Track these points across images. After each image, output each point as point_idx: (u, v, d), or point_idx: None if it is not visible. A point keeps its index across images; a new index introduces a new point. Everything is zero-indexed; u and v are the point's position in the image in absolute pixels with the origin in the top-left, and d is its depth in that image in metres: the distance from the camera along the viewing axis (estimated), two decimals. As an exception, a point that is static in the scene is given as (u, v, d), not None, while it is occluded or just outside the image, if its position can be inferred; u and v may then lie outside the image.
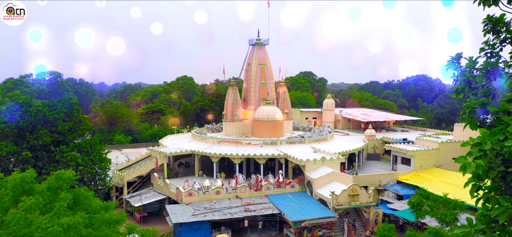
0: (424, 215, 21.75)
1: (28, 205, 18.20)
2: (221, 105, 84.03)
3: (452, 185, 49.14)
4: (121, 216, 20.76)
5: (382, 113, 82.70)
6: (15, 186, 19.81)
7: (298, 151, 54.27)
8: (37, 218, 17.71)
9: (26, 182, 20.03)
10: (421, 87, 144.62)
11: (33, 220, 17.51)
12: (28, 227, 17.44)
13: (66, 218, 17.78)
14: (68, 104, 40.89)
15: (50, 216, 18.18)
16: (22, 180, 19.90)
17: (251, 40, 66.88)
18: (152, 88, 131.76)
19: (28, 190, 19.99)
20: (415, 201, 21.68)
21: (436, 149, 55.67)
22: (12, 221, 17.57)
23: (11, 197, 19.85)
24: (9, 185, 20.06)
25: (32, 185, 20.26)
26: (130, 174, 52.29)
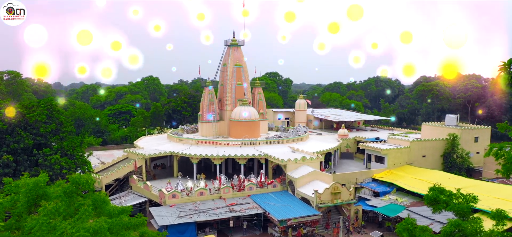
0: (441, 209, 22.99)
1: (49, 210, 17.66)
2: (194, 106, 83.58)
3: (424, 181, 51.56)
4: (140, 220, 20.52)
5: (352, 113, 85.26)
6: (28, 191, 19.11)
7: (277, 151, 55.07)
8: (60, 223, 17.23)
9: (39, 187, 19.38)
10: (382, 88, 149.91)
11: (56, 225, 17.02)
12: (51, 232, 16.93)
13: (92, 223, 17.42)
14: (48, 106, 39.42)
15: (73, 221, 17.73)
16: (35, 184, 19.23)
17: (226, 41, 67.05)
18: (117, 89, 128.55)
19: (41, 195, 19.34)
20: (432, 196, 22.84)
21: (408, 147, 58.21)
22: (35, 227, 16.99)
23: (24, 202, 19.13)
24: (22, 190, 19.33)
25: (45, 190, 19.62)
26: (108, 177, 51.03)
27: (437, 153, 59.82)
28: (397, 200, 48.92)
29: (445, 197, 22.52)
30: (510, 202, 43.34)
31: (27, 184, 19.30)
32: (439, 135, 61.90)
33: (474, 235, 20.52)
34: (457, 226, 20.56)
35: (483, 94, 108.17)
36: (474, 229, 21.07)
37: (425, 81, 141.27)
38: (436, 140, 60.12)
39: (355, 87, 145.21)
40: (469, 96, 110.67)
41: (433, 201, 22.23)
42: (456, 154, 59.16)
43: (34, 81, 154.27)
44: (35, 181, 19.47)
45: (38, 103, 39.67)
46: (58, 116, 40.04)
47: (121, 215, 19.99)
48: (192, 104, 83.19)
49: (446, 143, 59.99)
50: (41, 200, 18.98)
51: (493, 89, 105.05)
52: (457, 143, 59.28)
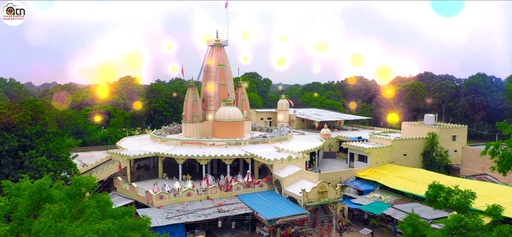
0: (442, 206, 23.73)
1: (54, 212, 17.35)
2: (175, 107, 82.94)
3: (407, 179, 53.04)
4: (145, 221, 20.36)
5: (333, 113, 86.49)
6: (32, 193, 18.70)
7: (262, 150, 55.37)
8: (67, 225, 16.95)
9: (43, 189, 18.99)
10: (359, 88, 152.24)
11: (64, 228, 16.74)
12: (58, 235, 16.63)
13: (100, 225, 17.21)
14: (33, 106, 38.43)
15: (81, 223, 17.47)
16: (39, 187, 18.83)
17: (209, 41, 66.90)
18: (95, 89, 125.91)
19: (45, 198, 18.95)
20: (432, 193, 23.57)
21: (390, 146, 59.55)
22: (42, 230, 16.65)
23: (28, 205, 18.71)
24: (25, 193, 18.90)
25: (49, 192, 19.24)
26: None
27: (417, 151, 61.45)
28: (381, 198, 50.00)
29: (444, 194, 23.32)
30: (491, 198, 44.70)
31: (30, 186, 18.89)
32: (418, 134, 63.56)
33: (475, 230, 21.36)
34: (459, 221, 21.35)
35: (457, 94, 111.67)
36: (474, 224, 21.91)
37: (400, 81, 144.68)
38: (416, 139, 61.74)
39: (333, 88, 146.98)
40: (443, 96, 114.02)
41: (433, 197, 22.96)
42: (435, 152, 60.92)
43: (6, 81, 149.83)
44: (40, 183, 19.09)
45: (22, 104, 38.67)
46: (43, 118, 39.12)
47: (125, 216, 19.80)
48: (173, 105, 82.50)
49: (426, 141, 61.70)
50: (45, 203, 18.61)
51: (466, 90, 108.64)
52: (436, 141, 61.06)
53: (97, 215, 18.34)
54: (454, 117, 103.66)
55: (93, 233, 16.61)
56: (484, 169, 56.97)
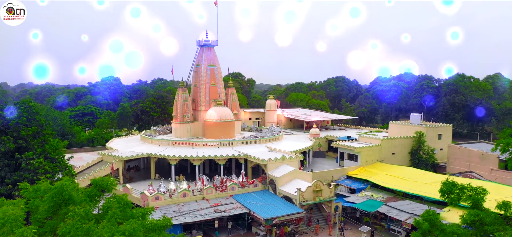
0: (456, 201, 24.41)
1: (79, 214, 17.20)
2: (162, 107, 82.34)
3: (397, 178, 54.17)
4: (166, 221, 20.33)
5: (320, 113, 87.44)
6: (54, 195, 18.45)
7: (255, 150, 55.67)
8: (94, 226, 16.84)
9: (65, 191, 18.76)
10: (341, 88, 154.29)
11: (90, 229, 16.63)
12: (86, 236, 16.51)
13: (126, 225, 17.15)
14: (28, 108, 37.64)
15: (105, 224, 17.36)
16: (61, 188, 18.60)
17: (199, 41, 66.79)
18: (76, 89, 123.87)
19: (67, 199, 18.73)
20: (446, 189, 24.25)
21: (379, 145, 60.70)
22: (70, 232, 16.47)
23: (49, 207, 18.45)
24: (47, 194, 18.62)
25: (71, 193, 19.02)
26: (84, 181, 49.32)
27: (405, 150, 62.84)
28: (372, 196, 50.93)
29: (457, 190, 24.10)
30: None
31: (51, 188, 18.65)
32: (405, 133, 64.98)
33: (492, 224, 22.10)
34: (476, 216, 22.08)
35: (437, 94, 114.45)
36: (491, 219, 22.68)
37: (381, 82, 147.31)
38: (404, 138, 63.13)
39: (316, 87, 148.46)
40: (425, 96, 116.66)
41: (447, 192, 23.69)
42: (422, 151, 62.41)
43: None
44: (61, 184, 18.86)
45: (16, 104, 37.86)
46: (38, 119, 38.40)
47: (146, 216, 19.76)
48: (161, 105, 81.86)
49: (413, 140, 63.14)
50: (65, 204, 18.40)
51: (446, 90, 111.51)
52: (423, 140, 62.57)
53: (119, 216, 18.28)
54: (435, 116, 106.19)
55: (120, 234, 16.57)
56: (470, 167, 58.78)
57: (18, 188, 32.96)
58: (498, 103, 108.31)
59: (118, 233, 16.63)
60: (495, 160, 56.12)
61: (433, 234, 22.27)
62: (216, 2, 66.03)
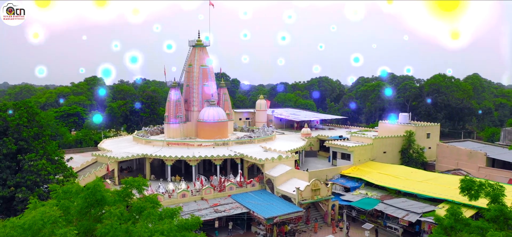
0: (476, 197, 25.15)
1: (116, 214, 17.14)
2: (152, 107, 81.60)
3: (390, 176, 55.33)
4: (196, 220, 20.37)
5: (309, 113, 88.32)
6: (87, 195, 18.28)
7: (250, 150, 55.91)
8: (132, 226, 16.81)
9: (98, 191, 18.62)
10: (324, 88, 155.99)
11: (129, 229, 16.58)
12: (125, 235, 16.45)
13: (163, 225, 17.18)
14: (28, 108, 36.85)
15: (143, 224, 17.33)
16: (95, 189, 18.44)
17: (191, 42, 66.55)
18: (58, 90, 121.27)
19: (100, 200, 18.58)
20: (466, 186, 25.00)
21: (371, 144, 61.82)
22: (110, 232, 16.37)
23: (82, 207, 18.26)
24: (81, 195, 18.43)
25: (103, 194, 18.89)
26: (81, 182, 48.58)
27: (396, 149, 64.22)
28: (367, 194, 51.89)
29: (476, 187, 24.91)
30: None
31: (82, 189, 18.49)
32: (395, 132, 66.41)
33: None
34: (500, 211, 22.88)
35: (420, 94, 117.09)
36: None
37: (364, 82, 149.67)
38: (395, 137, 64.50)
39: (300, 88, 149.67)
40: (407, 96, 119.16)
41: (467, 189, 24.48)
42: (412, 150, 63.91)
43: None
44: (95, 185, 18.72)
45: (15, 105, 37.04)
46: (38, 120, 37.66)
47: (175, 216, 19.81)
48: (150, 106, 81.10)
49: (403, 139, 64.57)
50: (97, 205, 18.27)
51: (429, 90, 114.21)
52: (413, 139, 64.07)
53: (155, 215, 18.29)
54: (418, 116, 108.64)
55: (159, 234, 16.61)
56: (458, 164, 60.55)
57: (20, 190, 32.43)
58: (478, 102, 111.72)
59: (157, 233, 16.66)
60: (483, 158, 58.00)
61: (455, 229, 23.04)
62: (212, 3, 65.95)
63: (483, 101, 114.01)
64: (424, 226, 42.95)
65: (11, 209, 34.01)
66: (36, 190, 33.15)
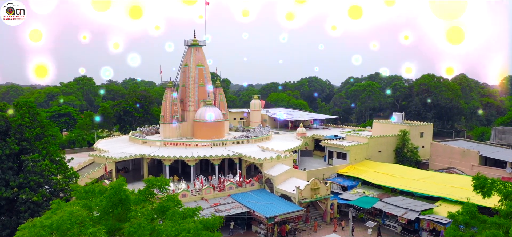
0: (489, 194, 25.64)
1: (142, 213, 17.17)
2: (146, 108, 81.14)
3: (386, 175, 56.02)
4: (217, 219, 20.44)
5: (303, 113, 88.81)
6: (112, 195, 18.24)
7: (248, 150, 56.07)
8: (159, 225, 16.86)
9: (122, 190, 18.60)
10: (314, 88, 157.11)
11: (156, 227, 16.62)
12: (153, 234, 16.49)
13: (189, 224, 17.25)
14: (29, 108, 36.36)
15: (169, 223, 17.38)
16: (119, 189, 18.40)
17: (187, 41, 66.40)
18: (47, 90, 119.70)
19: (124, 199, 18.54)
20: (479, 184, 25.47)
21: (366, 144, 62.49)
22: (138, 231, 16.37)
23: (107, 207, 18.21)
24: (105, 195, 18.38)
25: (127, 193, 18.86)
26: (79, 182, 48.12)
27: (390, 148, 65.02)
28: (364, 193, 52.46)
29: (489, 184, 25.43)
30: (463, 189, 48.46)
31: (105, 189, 18.46)
32: (389, 132, 67.22)
33: None
34: None
35: (410, 94, 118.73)
36: None
37: (353, 82, 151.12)
38: (390, 136, 65.29)
39: (291, 87, 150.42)
40: (397, 96, 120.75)
41: (480, 187, 24.98)
42: (406, 149, 64.79)
43: None
44: (119, 184, 18.68)
45: (16, 105, 36.54)
46: (40, 120, 37.22)
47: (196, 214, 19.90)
48: (144, 106, 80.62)
49: (398, 138, 65.42)
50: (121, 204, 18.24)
51: (418, 89, 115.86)
52: (407, 138, 64.96)
53: (180, 214, 18.35)
54: (408, 115, 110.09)
55: (186, 232, 16.69)
56: (452, 163, 61.58)
57: (24, 191, 32.05)
58: (466, 102, 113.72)
59: (184, 231, 16.72)
60: (476, 156, 59.13)
61: (469, 226, 23.55)
62: (207, 2, 65.89)
63: (471, 101, 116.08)
64: (423, 223, 43.65)
65: (13, 210, 33.60)
66: (39, 191, 32.80)
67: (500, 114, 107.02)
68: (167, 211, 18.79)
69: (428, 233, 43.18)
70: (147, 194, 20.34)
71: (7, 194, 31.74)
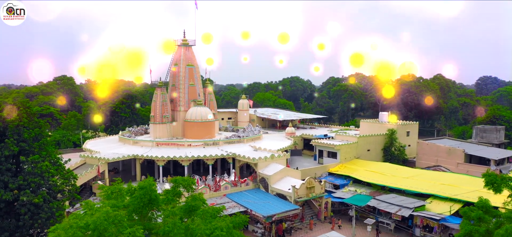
0: (500, 190, 26.44)
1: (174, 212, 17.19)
2: (132, 107, 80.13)
3: (377, 173, 57.19)
4: (244, 219, 20.54)
5: (290, 113, 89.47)
6: (143, 195, 18.15)
7: (241, 150, 56.26)
8: (192, 224, 16.89)
9: (152, 190, 18.53)
10: (296, 88, 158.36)
11: (189, 226, 16.66)
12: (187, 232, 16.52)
13: (222, 223, 17.37)
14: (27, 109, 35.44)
15: (201, 222, 17.44)
16: (149, 188, 18.30)
17: (177, 41, 65.98)
18: (26, 89, 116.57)
19: (154, 199, 18.47)
20: (490, 180, 26.26)
21: (356, 143, 63.58)
22: (174, 230, 16.36)
23: (138, 206, 18.08)
24: (135, 194, 18.24)
25: (156, 193, 18.78)
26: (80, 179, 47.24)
27: (379, 147, 66.34)
28: (356, 191, 53.37)
29: (499, 180, 26.33)
30: (452, 186, 50.09)
31: (135, 189, 18.35)
32: (377, 131, 68.57)
33: None
34: None
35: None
36: None
37: (334, 82, 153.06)
38: (378, 135, 66.61)
39: (273, 87, 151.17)
40: (379, 95, 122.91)
41: (492, 183, 25.85)
42: (394, 147, 66.23)
43: None
44: (149, 184, 18.59)
45: (13, 106, 35.55)
46: (37, 120, 36.37)
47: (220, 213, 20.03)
48: (130, 106, 79.60)
49: (386, 137, 66.81)
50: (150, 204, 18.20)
51: (399, 89, 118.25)
52: (395, 137, 66.41)
53: (210, 213, 18.45)
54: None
55: (219, 230, 16.82)
56: (438, 161, 63.35)
57: (24, 193, 31.35)
58: (445, 102, 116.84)
59: (218, 230, 16.84)
60: (461, 154, 61.04)
61: (483, 221, 24.41)
62: (196, 2, 65.67)
63: (450, 101, 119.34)
64: (416, 220, 44.77)
65: (12, 212, 32.83)
66: (39, 192, 32.14)
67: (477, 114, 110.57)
68: (195, 210, 18.85)
69: (421, 229, 44.30)
70: (174, 193, 20.32)
71: (6, 196, 30.97)
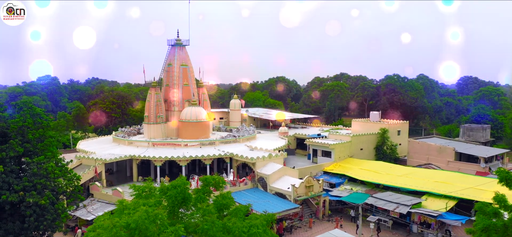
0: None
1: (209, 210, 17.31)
2: (123, 108, 79.26)
3: (371, 171, 58.09)
4: (272, 217, 20.74)
5: (283, 112, 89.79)
6: (177, 193, 18.18)
7: (237, 149, 56.41)
8: (229, 222, 17.06)
9: (186, 190, 18.57)
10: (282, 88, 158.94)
11: (226, 225, 16.81)
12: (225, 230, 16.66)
13: (257, 221, 17.56)
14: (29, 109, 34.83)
15: (237, 220, 17.60)
16: (183, 187, 18.33)
17: (170, 41, 65.66)
18: (9, 90, 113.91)
19: (187, 197, 18.50)
20: (503, 176, 26.93)
21: (349, 142, 64.45)
22: (213, 228, 16.46)
23: (173, 206, 18.10)
24: (168, 193, 18.25)
25: (188, 192, 18.82)
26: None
27: (371, 145, 67.41)
28: (352, 189, 54.17)
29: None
30: (445, 184, 51.31)
31: (168, 187, 18.36)
32: (369, 130, 69.65)
33: None
34: None
35: (377, 93, 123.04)
36: None
37: (319, 82, 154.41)
38: (371, 134, 67.67)
39: (259, 87, 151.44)
40: (365, 95, 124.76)
41: (505, 179, 26.57)
42: (386, 146, 67.41)
43: None
44: (183, 183, 18.62)
45: (15, 106, 34.93)
46: (41, 121, 35.75)
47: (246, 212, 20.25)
48: (121, 106, 78.70)
49: (378, 136, 67.93)
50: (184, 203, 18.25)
51: (385, 89, 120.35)
52: (387, 136, 67.58)
53: (243, 211, 18.63)
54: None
55: (255, 228, 17.05)
56: (428, 159, 64.80)
57: (30, 195, 30.84)
58: (429, 101, 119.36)
59: (254, 227, 17.04)
60: (452, 153, 62.61)
61: (497, 216, 25.19)
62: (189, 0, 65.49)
63: (434, 100, 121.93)
64: (414, 217, 45.77)
65: (16, 214, 32.25)
66: (45, 193, 31.67)
67: (459, 113, 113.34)
68: (226, 209, 19.03)
69: (419, 226, 45.32)
70: (204, 192, 20.40)
71: (12, 198, 30.38)
